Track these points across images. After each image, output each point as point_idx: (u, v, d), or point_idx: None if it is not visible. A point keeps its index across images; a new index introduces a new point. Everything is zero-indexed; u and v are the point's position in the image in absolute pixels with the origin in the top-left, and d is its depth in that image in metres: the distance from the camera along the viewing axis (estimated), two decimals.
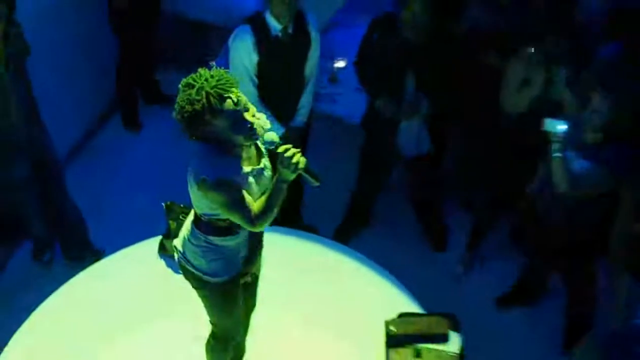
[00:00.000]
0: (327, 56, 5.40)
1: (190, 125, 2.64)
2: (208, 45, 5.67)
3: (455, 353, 3.62)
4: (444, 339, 3.64)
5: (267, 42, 3.93)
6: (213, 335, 3.41)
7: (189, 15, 5.71)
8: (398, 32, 4.08)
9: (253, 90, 4.02)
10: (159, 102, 5.75)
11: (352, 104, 5.19)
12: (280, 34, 3.90)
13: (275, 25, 3.89)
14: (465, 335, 3.74)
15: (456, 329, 3.69)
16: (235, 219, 2.77)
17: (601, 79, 3.65)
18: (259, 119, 2.67)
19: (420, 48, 4.01)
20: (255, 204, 2.81)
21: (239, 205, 2.73)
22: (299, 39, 4.00)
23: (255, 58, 3.95)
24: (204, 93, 2.58)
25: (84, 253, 4.66)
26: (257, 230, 2.88)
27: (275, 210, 2.83)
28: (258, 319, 3.53)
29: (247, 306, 3.42)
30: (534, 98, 4.00)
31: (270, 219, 2.85)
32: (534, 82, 3.98)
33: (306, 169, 2.70)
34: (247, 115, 2.64)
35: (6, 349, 3.64)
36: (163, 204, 4.11)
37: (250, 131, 2.66)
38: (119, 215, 4.98)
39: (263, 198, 2.81)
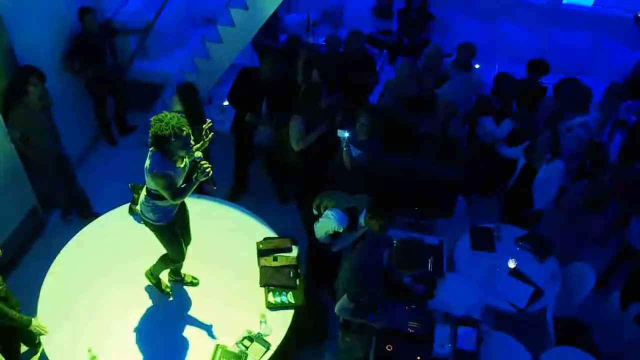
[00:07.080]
0: (220, 99, 6.89)
1: (157, 141, 3.60)
2: (153, 96, 7.17)
3: (294, 257, 4.89)
4: (289, 250, 4.96)
5: None
6: (167, 255, 4.38)
7: (143, 79, 7.39)
8: (258, 78, 5.64)
9: None
10: (128, 131, 7.35)
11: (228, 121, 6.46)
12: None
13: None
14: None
15: (295, 244, 5.01)
16: (165, 194, 3.78)
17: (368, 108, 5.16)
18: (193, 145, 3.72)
19: (270, 87, 5.62)
20: (178, 187, 3.76)
21: (169, 187, 3.74)
22: None
23: None
24: (171, 126, 3.53)
25: (89, 215, 5.97)
26: (175, 202, 3.89)
27: (187, 194, 3.84)
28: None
29: (185, 240, 4.40)
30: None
31: (183, 198, 3.91)
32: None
33: (211, 177, 3.77)
34: (191, 142, 3.67)
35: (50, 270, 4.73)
36: (129, 184, 5.21)
37: (190, 150, 3.74)
38: (106, 193, 6.18)
39: (184, 186, 3.82)
